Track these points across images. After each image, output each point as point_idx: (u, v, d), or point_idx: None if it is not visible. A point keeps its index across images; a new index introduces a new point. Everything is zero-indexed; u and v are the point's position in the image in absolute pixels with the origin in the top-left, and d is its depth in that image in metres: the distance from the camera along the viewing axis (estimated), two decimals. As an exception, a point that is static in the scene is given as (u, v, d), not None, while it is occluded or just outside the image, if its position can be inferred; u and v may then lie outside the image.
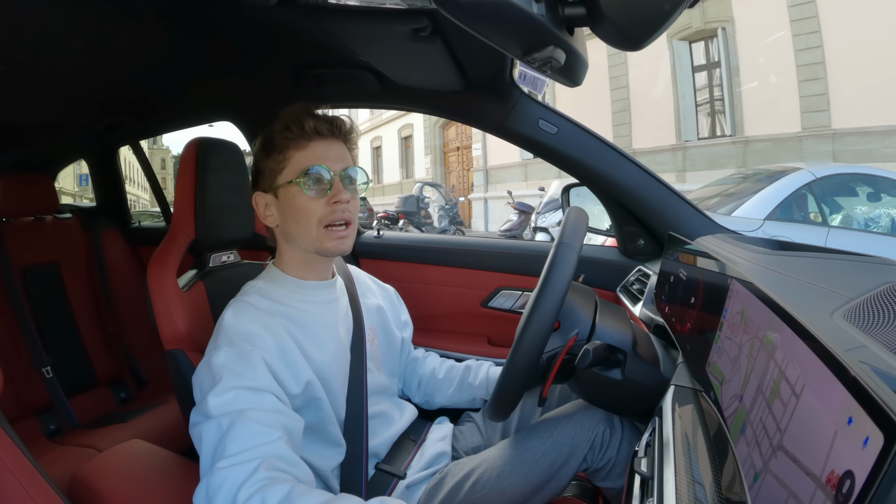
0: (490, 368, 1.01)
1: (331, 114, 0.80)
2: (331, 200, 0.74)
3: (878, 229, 3.18)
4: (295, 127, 0.75)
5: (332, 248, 0.76)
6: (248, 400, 0.63)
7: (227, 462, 0.57)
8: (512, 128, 1.11)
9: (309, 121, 0.75)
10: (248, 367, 0.66)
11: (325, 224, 0.75)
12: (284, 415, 0.65)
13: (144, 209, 10.76)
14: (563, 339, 0.73)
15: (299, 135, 0.75)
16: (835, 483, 0.28)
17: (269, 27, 0.97)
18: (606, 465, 0.78)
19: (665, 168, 8.38)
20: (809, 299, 0.47)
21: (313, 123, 0.75)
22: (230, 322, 0.71)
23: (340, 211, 0.75)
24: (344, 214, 0.75)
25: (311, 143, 0.76)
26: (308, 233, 0.76)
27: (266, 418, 0.62)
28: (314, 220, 0.75)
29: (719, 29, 7.95)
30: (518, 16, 0.54)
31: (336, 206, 0.74)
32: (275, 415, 0.64)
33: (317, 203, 0.74)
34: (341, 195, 0.75)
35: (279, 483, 0.57)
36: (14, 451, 0.53)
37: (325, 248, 0.76)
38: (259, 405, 0.63)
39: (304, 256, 0.81)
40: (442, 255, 1.43)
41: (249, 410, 0.62)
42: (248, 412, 0.61)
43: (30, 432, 1.46)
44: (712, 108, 8.44)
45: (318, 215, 0.75)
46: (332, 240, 0.76)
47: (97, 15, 0.87)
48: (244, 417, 0.60)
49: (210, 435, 0.61)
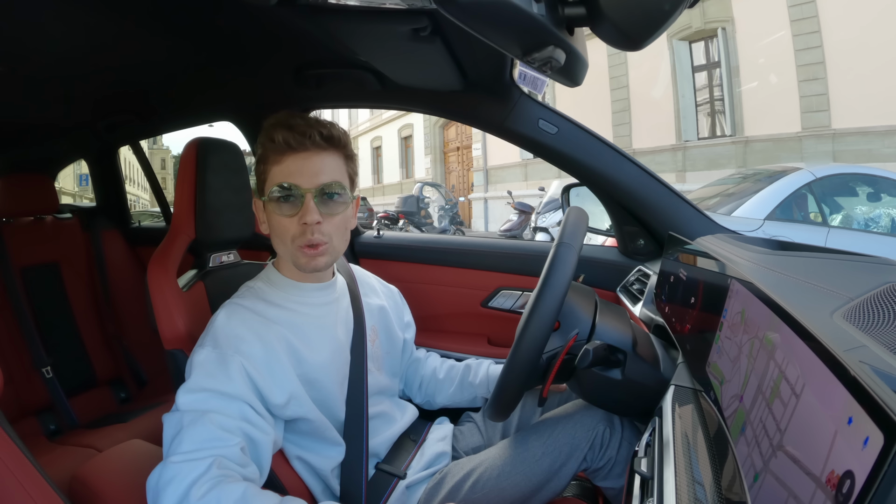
0: (490, 367, 1.01)
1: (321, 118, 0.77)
2: (299, 221, 0.72)
3: (878, 229, 3.18)
4: (277, 137, 0.72)
5: (305, 265, 0.75)
6: (215, 404, 0.63)
7: (180, 458, 0.58)
8: (512, 128, 1.11)
9: (279, 133, 0.72)
10: (224, 372, 0.66)
11: (298, 244, 0.73)
12: (251, 424, 0.65)
13: (144, 209, 10.76)
14: (563, 339, 0.73)
15: (274, 148, 0.73)
16: (835, 483, 0.28)
17: (269, 27, 0.97)
18: (606, 464, 0.78)
19: (665, 168, 8.37)
20: (809, 299, 0.47)
21: (283, 136, 0.72)
22: (221, 323, 0.71)
23: (310, 232, 0.72)
24: (314, 237, 0.72)
25: (286, 157, 0.73)
26: (285, 247, 0.75)
27: (228, 423, 0.62)
28: (287, 237, 0.74)
29: (719, 29, 7.95)
30: (518, 16, 0.54)
31: (305, 227, 0.72)
32: (239, 422, 0.64)
33: (288, 221, 0.73)
34: (308, 216, 0.71)
35: (233, 482, 0.57)
36: (14, 451, 0.53)
37: (298, 263, 0.75)
38: (224, 410, 0.63)
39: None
40: (442, 255, 1.43)
41: (213, 413, 0.62)
42: (211, 414, 0.62)
43: (30, 432, 1.46)
44: (712, 108, 8.43)
45: (290, 233, 0.73)
46: (304, 257, 0.74)
47: (97, 15, 0.87)
48: (206, 419, 0.61)
49: (170, 427, 0.62)
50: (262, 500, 0.58)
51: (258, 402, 0.67)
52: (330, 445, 0.79)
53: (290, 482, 0.77)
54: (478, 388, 0.99)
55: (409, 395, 1.06)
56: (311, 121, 0.74)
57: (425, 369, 1.04)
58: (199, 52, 1.11)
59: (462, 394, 1.01)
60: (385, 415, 0.89)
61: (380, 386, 0.90)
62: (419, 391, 1.04)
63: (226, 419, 0.63)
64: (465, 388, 1.00)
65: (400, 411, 0.94)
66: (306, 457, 0.78)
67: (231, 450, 0.61)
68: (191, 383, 0.65)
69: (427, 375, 1.04)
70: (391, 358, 0.96)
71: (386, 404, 0.91)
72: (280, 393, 0.70)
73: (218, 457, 0.59)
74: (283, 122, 0.73)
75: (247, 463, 0.63)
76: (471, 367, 1.02)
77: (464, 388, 1.00)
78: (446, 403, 1.03)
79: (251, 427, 0.65)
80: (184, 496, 0.56)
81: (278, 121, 0.74)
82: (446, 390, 1.01)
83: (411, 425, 0.94)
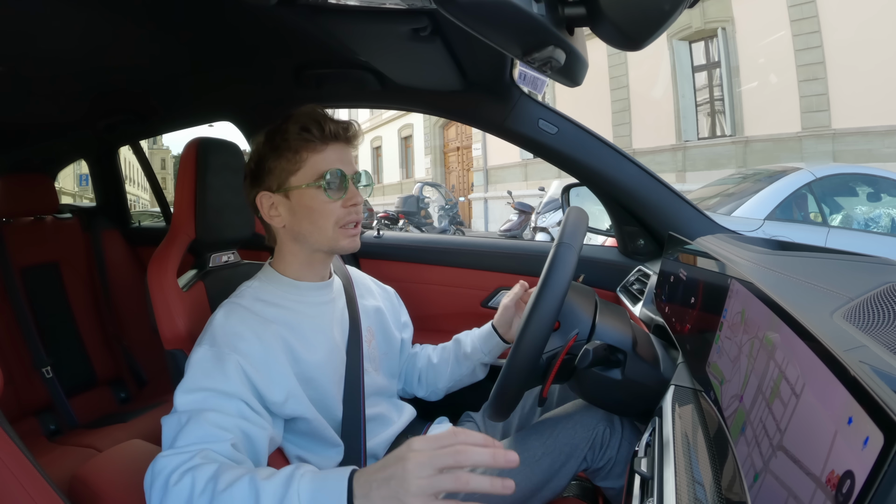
0: (476, 332, 1.01)
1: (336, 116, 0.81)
2: (347, 203, 0.77)
3: (878, 229, 3.18)
4: (315, 129, 0.75)
5: (347, 246, 0.79)
6: (212, 402, 0.64)
7: (171, 451, 0.59)
8: (512, 128, 1.11)
9: (329, 124, 0.76)
10: (221, 370, 0.66)
11: (342, 225, 0.78)
12: (247, 420, 0.65)
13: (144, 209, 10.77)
14: (563, 339, 0.73)
15: (317, 137, 0.76)
16: (835, 483, 0.28)
17: (269, 27, 0.97)
18: (606, 464, 0.78)
19: (665, 168, 8.37)
20: (809, 299, 0.47)
21: (332, 127, 0.76)
22: (219, 322, 0.72)
23: (356, 213, 0.78)
24: (358, 216, 0.79)
25: (328, 146, 0.77)
26: (324, 233, 0.78)
27: (223, 421, 0.63)
28: (331, 221, 0.77)
29: (719, 29, 7.95)
30: (518, 16, 0.54)
31: (352, 208, 0.78)
32: (235, 419, 0.64)
33: (334, 205, 0.77)
34: (357, 198, 0.78)
35: (208, 464, 0.58)
36: (14, 451, 0.53)
37: (340, 246, 0.79)
38: (220, 408, 0.64)
39: (307, 256, 0.81)
40: (442, 255, 1.43)
41: (208, 412, 0.63)
42: (207, 413, 0.62)
43: (30, 432, 1.46)
44: (712, 108, 8.43)
45: (335, 216, 0.77)
46: (347, 238, 0.79)
47: (97, 14, 0.87)
48: (201, 418, 0.62)
49: (169, 429, 0.63)
50: (234, 471, 0.57)
51: (255, 400, 0.68)
52: (328, 446, 0.78)
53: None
54: (472, 356, 0.98)
55: (411, 391, 1.05)
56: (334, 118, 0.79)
57: (421, 361, 1.04)
58: (200, 52, 1.11)
59: (460, 369, 1.00)
60: (382, 416, 0.89)
61: (377, 387, 0.90)
62: (420, 384, 1.04)
63: (221, 416, 0.63)
64: (462, 362, 0.99)
65: (397, 412, 0.94)
66: (306, 457, 0.78)
67: (220, 445, 0.61)
68: (187, 383, 0.65)
69: (424, 366, 1.03)
70: (388, 359, 0.96)
71: (383, 405, 0.91)
72: (278, 391, 0.70)
73: (205, 451, 0.60)
74: (321, 115, 0.77)
75: (240, 459, 0.63)
76: (460, 341, 1.01)
77: (460, 362, 0.99)
78: (450, 384, 1.01)
79: (247, 423, 0.65)
80: (164, 486, 0.57)
81: (313, 113, 0.77)
82: (445, 372, 1.01)
83: (409, 425, 0.94)
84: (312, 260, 0.82)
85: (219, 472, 0.56)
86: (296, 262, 0.81)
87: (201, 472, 0.56)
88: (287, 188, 0.77)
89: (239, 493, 0.53)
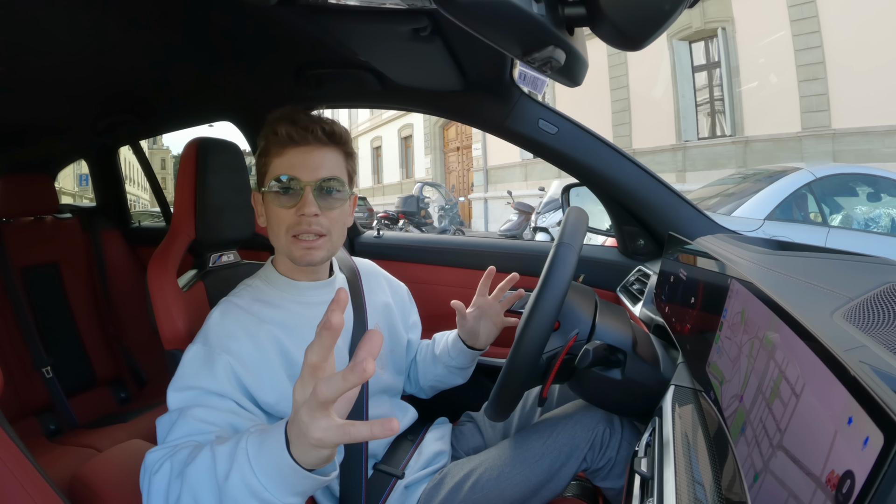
0: (449, 333, 0.99)
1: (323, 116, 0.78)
2: (297, 212, 0.73)
3: (878, 229, 3.18)
4: (280, 131, 0.74)
5: (299, 258, 0.75)
6: (199, 400, 0.65)
7: (158, 447, 0.61)
8: (512, 128, 1.11)
9: (283, 127, 0.73)
10: (209, 370, 0.67)
11: (293, 234, 0.74)
12: (236, 415, 0.66)
13: (144, 209, 10.77)
14: (563, 339, 0.73)
15: (276, 141, 0.75)
16: (835, 483, 0.28)
17: (269, 27, 0.97)
18: (606, 464, 0.78)
19: (665, 168, 8.38)
20: (809, 299, 0.47)
21: (286, 130, 0.73)
22: (214, 321, 0.73)
23: (306, 223, 0.73)
24: (311, 227, 0.73)
25: (287, 150, 0.74)
26: (278, 239, 0.76)
27: (210, 416, 0.63)
28: (283, 228, 0.74)
29: (719, 29, 7.96)
30: (518, 16, 0.54)
31: (303, 217, 0.73)
32: (223, 413, 0.65)
33: (286, 212, 0.73)
34: (306, 208, 0.72)
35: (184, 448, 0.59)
36: (14, 451, 0.53)
37: (293, 256, 0.75)
38: (208, 404, 0.65)
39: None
40: (442, 255, 1.43)
41: (196, 408, 0.64)
42: (194, 410, 0.63)
43: (30, 432, 1.46)
44: (712, 108, 8.44)
45: (285, 224, 0.74)
46: (300, 249, 0.74)
47: (97, 15, 0.87)
48: (188, 415, 0.63)
49: (162, 427, 0.65)
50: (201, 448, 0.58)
51: (245, 398, 0.68)
52: None
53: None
54: (440, 358, 0.97)
55: (408, 390, 1.05)
56: (313, 117, 0.76)
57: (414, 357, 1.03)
58: (199, 52, 1.11)
59: (435, 368, 0.98)
60: (385, 417, 0.88)
61: (383, 384, 0.90)
62: (409, 380, 1.03)
63: (208, 412, 0.64)
64: (435, 361, 0.99)
65: (401, 413, 0.93)
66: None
67: (204, 437, 0.62)
68: (177, 381, 0.67)
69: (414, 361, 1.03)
70: (395, 356, 0.95)
71: (387, 406, 0.90)
72: (270, 392, 0.70)
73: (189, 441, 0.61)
74: (287, 117, 0.75)
75: None
76: (435, 340, 1.01)
77: (435, 362, 0.99)
78: (431, 383, 1.01)
79: (236, 417, 0.66)
80: (149, 479, 0.58)
81: (282, 115, 0.75)
82: (425, 370, 1.00)
83: (409, 426, 0.94)
84: None
85: (191, 452, 0.58)
86: (285, 261, 0.81)
87: (177, 457, 0.58)
88: (263, 189, 0.77)
89: (202, 462, 0.55)
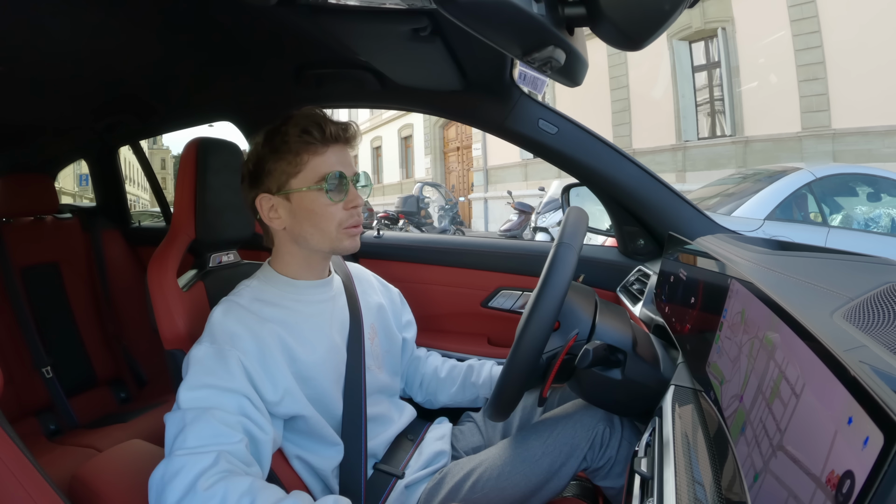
0: (493, 367, 1.01)
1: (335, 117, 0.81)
2: (348, 205, 0.77)
3: (878, 229, 3.18)
4: (315, 132, 0.75)
5: (349, 246, 0.80)
6: (217, 400, 0.64)
7: (185, 452, 0.59)
8: (512, 128, 1.11)
9: (330, 126, 0.76)
10: (223, 367, 0.67)
11: (345, 226, 0.78)
12: (251, 420, 0.66)
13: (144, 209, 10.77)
14: (563, 339, 0.73)
15: (318, 140, 0.76)
16: (835, 483, 0.28)
17: (269, 27, 0.97)
18: (606, 464, 0.78)
19: (665, 168, 8.37)
20: (809, 299, 0.47)
21: (333, 129, 0.76)
22: (217, 319, 0.72)
23: (357, 214, 0.79)
24: (360, 217, 0.80)
25: (329, 148, 0.77)
26: (326, 235, 0.78)
27: (230, 420, 0.63)
28: (334, 223, 0.77)
29: (719, 29, 7.95)
30: (518, 16, 0.54)
31: (353, 210, 0.78)
32: (240, 418, 0.64)
33: (336, 208, 0.77)
34: (358, 200, 0.78)
35: (240, 476, 0.58)
36: (14, 451, 0.53)
37: (342, 246, 0.79)
38: (226, 406, 0.64)
39: (306, 256, 0.81)
40: (442, 255, 1.43)
41: (215, 409, 0.63)
42: (214, 411, 0.63)
43: (30, 432, 1.46)
44: (712, 108, 8.43)
45: (337, 219, 0.77)
46: (349, 238, 0.79)
47: (97, 15, 0.87)
48: (208, 415, 0.62)
49: (173, 425, 0.63)
50: (267, 493, 0.58)
51: (256, 396, 0.68)
52: (328, 445, 0.78)
53: (289, 482, 0.77)
54: (480, 388, 0.99)
55: (409, 393, 1.06)
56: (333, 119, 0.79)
57: (426, 368, 1.04)
58: (199, 52, 1.11)
59: (464, 394, 1.01)
60: (383, 416, 0.89)
61: (379, 384, 0.90)
62: (420, 389, 1.04)
63: (227, 415, 0.63)
64: (468, 388, 1.00)
65: (398, 412, 0.94)
66: (305, 456, 0.78)
67: (236, 446, 0.62)
68: (191, 380, 0.66)
69: (428, 374, 1.04)
70: (391, 356, 0.96)
71: (385, 404, 0.91)
72: (273, 390, 0.71)
73: (223, 452, 0.60)
74: (321, 117, 0.77)
75: (251, 462, 0.63)
76: (473, 368, 1.02)
77: (466, 388, 1.00)
78: (448, 403, 1.03)
79: (251, 423, 0.65)
80: (190, 487, 0.56)
81: (310, 116, 0.77)
82: (448, 389, 1.02)
83: (409, 425, 0.94)
84: (311, 260, 0.82)
85: (253, 489, 0.57)
86: (294, 262, 0.82)
87: (234, 485, 0.57)
88: (287, 190, 0.77)
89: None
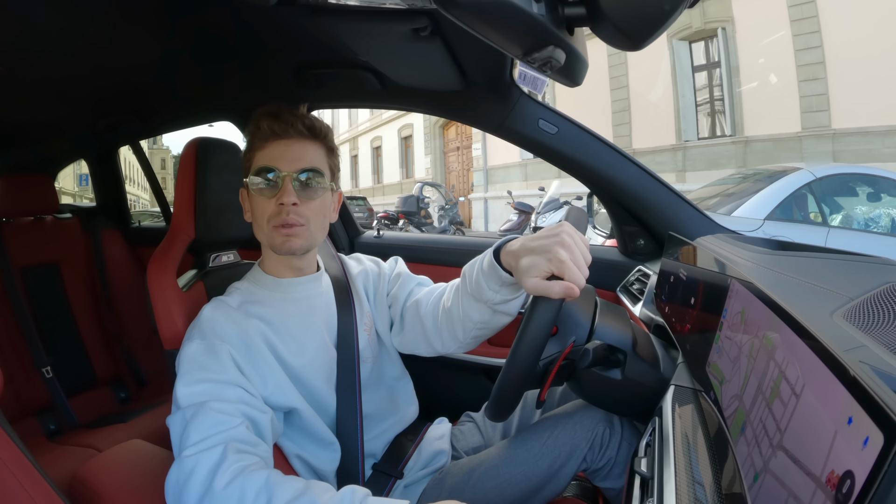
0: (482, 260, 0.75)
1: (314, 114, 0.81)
2: (277, 201, 0.75)
3: (878, 229, 3.18)
4: (263, 125, 0.77)
5: (279, 245, 0.76)
6: (213, 392, 0.65)
7: (193, 450, 0.59)
8: (512, 128, 1.11)
9: (265, 122, 0.76)
10: (216, 360, 0.68)
11: (275, 224, 0.76)
12: (249, 405, 0.67)
13: (144, 209, 10.77)
14: (561, 344, 0.73)
15: (259, 135, 0.77)
16: (835, 483, 0.28)
17: (269, 27, 0.97)
18: (606, 464, 0.78)
19: (665, 168, 8.37)
20: (809, 299, 0.47)
21: (268, 124, 0.76)
22: (207, 316, 0.74)
23: (286, 213, 0.75)
24: (289, 217, 0.75)
25: (269, 143, 0.77)
26: (261, 229, 0.78)
27: (228, 408, 0.64)
28: (265, 218, 0.77)
29: (719, 29, 7.95)
30: (518, 16, 0.54)
31: (282, 207, 0.75)
32: (238, 405, 0.65)
33: (267, 203, 0.76)
34: (285, 197, 0.74)
35: (256, 470, 0.58)
36: (14, 451, 0.53)
37: (274, 244, 0.77)
38: (222, 396, 0.65)
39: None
40: (442, 255, 1.43)
41: (212, 401, 0.64)
42: (211, 403, 0.63)
43: (30, 432, 1.46)
44: (712, 108, 8.44)
45: (267, 214, 0.76)
46: (280, 237, 0.76)
47: (97, 15, 0.87)
48: (206, 408, 0.63)
49: (176, 426, 0.63)
50: (286, 485, 0.58)
51: (251, 385, 0.69)
52: (324, 445, 0.78)
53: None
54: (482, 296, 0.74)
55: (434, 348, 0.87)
56: (295, 112, 0.78)
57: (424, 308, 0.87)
58: (199, 52, 1.11)
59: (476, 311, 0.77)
60: (381, 413, 0.89)
61: (378, 376, 0.90)
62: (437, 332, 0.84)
63: (225, 404, 0.64)
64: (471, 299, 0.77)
65: (396, 409, 0.93)
66: (304, 456, 0.78)
67: (237, 430, 0.62)
68: (186, 377, 0.66)
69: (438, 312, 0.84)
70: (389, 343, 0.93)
71: (383, 400, 0.90)
72: (263, 383, 0.71)
73: (228, 440, 0.60)
74: (270, 112, 0.77)
75: (256, 442, 0.64)
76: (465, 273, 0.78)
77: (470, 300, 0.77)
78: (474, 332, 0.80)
79: (249, 407, 0.66)
80: (207, 487, 0.57)
81: (266, 110, 0.78)
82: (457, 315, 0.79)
83: (409, 426, 0.94)
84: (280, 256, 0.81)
85: (271, 483, 0.57)
86: (270, 259, 0.83)
87: (251, 481, 0.57)
88: (246, 183, 0.79)
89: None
